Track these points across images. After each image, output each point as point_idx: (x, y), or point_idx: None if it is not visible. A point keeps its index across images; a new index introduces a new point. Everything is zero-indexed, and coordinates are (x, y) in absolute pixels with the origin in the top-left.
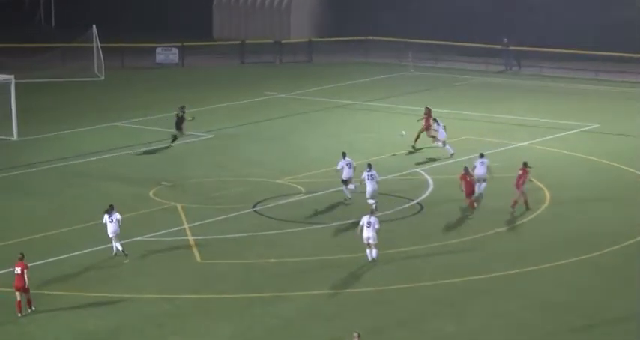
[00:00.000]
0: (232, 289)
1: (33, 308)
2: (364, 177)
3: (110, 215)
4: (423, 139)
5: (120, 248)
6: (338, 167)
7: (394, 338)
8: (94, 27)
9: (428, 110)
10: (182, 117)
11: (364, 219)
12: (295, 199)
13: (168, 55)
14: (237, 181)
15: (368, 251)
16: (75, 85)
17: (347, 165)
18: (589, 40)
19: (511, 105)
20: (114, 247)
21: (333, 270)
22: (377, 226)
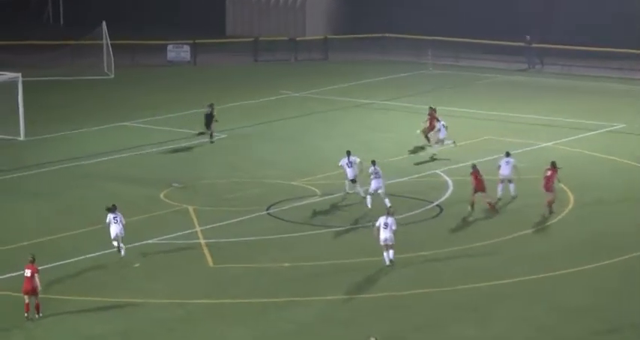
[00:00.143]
0: (245, 294)
1: (40, 314)
2: (370, 171)
3: (115, 215)
4: (423, 140)
5: (121, 246)
6: (340, 163)
7: None
8: (104, 23)
9: (432, 110)
10: (211, 113)
11: (381, 220)
12: (310, 201)
13: (179, 53)
14: (250, 183)
15: (385, 254)
16: (84, 84)
17: (346, 164)
18: (615, 38)
19: (534, 104)
20: (120, 249)
21: (349, 274)
22: (394, 227)
